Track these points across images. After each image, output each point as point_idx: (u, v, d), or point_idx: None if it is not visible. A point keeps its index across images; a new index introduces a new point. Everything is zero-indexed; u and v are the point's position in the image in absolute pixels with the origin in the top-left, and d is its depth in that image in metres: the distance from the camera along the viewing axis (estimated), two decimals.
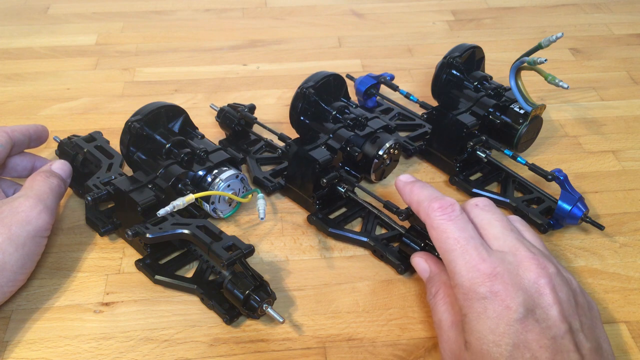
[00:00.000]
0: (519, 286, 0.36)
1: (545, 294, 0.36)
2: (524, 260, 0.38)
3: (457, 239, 0.39)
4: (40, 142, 0.54)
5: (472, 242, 0.39)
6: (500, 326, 0.35)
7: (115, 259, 0.49)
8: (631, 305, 0.47)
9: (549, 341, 0.35)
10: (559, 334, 0.35)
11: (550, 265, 0.38)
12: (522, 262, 0.38)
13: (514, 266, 0.37)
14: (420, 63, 0.77)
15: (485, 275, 0.37)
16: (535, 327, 0.35)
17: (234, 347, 0.43)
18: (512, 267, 0.37)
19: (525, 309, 0.36)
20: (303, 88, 0.55)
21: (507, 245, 0.39)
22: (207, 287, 0.46)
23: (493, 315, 0.36)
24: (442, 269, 0.44)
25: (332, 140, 0.53)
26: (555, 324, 0.35)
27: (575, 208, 0.50)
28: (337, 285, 0.48)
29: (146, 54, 0.77)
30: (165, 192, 0.47)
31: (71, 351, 0.43)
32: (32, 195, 0.45)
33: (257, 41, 0.81)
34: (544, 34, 0.84)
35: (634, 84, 0.74)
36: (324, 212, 0.53)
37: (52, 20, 0.85)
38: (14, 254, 0.42)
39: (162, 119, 0.51)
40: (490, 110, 0.58)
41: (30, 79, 0.72)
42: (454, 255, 0.39)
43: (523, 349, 0.35)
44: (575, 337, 0.36)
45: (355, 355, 0.43)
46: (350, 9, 0.89)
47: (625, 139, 0.64)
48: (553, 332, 0.35)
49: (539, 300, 0.36)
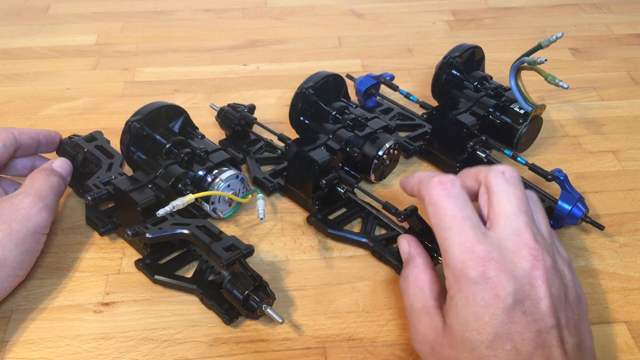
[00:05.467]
0: (512, 274, 0.35)
1: (538, 286, 0.35)
2: (523, 248, 0.36)
3: (454, 217, 0.37)
4: (52, 148, 0.54)
5: (469, 222, 0.37)
6: (486, 315, 0.35)
7: (115, 259, 0.50)
8: (631, 305, 0.47)
9: (533, 334, 0.34)
10: (545, 328, 0.35)
11: (548, 257, 0.36)
12: (520, 249, 0.36)
13: (511, 252, 0.36)
14: (420, 63, 0.77)
15: (479, 258, 0.35)
16: (522, 319, 0.34)
17: (234, 347, 0.43)
18: (508, 254, 0.36)
19: (515, 299, 0.34)
20: (303, 88, 0.55)
21: (513, 227, 0.37)
22: (206, 287, 0.46)
23: (481, 302, 0.35)
24: (419, 253, 0.43)
25: (331, 140, 0.53)
26: (543, 318, 0.35)
27: (575, 208, 0.50)
28: (337, 285, 0.48)
29: (146, 54, 0.77)
30: (165, 192, 0.47)
31: (71, 351, 0.43)
32: (32, 193, 0.45)
33: (257, 41, 0.81)
34: (544, 34, 0.84)
35: (634, 84, 0.74)
36: (324, 212, 0.53)
37: (52, 20, 0.85)
38: (13, 250, 0.42)
39: (162, 119, 0.51)
40: (490, 110, 0.58)
41: (30, 79, 0.72)
42: (449, 234, 0.37)
43: (505, 340, 0.34)
44: (560, 332, 0.35)
45: (355, 355, 0.43)
46: (350, 9, 0.90)
47: (625, 139, 0.64)
48: (539, 325, 0.35)
49: (530, 292, 0.35)
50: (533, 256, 0.36)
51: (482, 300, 0.35)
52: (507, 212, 0.38)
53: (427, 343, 0.38)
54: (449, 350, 0.36)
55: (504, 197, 0.38)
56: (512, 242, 0.36)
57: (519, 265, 0.36)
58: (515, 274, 0.35)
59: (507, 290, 0.34)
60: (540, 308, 0.35)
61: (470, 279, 0.35)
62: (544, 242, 0.37)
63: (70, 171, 0.50)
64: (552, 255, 0.37)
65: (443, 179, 0.39)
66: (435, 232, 0.38)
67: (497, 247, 0.36)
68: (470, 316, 0.35)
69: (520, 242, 0.36)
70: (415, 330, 0.39)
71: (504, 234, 0.37)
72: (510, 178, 0.39)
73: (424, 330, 0.38)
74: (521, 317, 0.34)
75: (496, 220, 0.38)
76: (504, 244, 0.36)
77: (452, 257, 0.36)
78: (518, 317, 0.34)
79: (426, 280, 0.40)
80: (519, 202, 0.38)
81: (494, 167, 0.40)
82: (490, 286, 0.35)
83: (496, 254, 0.36)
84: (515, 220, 0.37)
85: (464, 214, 0.37)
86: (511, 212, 0.38)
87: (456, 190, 0.38)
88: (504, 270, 0.35)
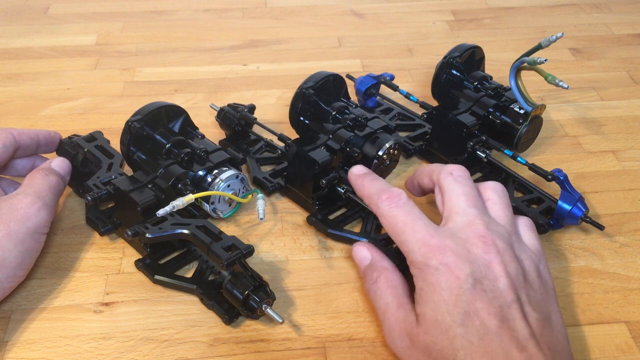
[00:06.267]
0: (467, 259, 0.38)
1: (493, 267, 0.38)
2: (473, 237, 0.39)
3: (406, 221, 0.41)
4: (51, 148, 0.54)
5: (420, 221, 0.41)
6: (453, 296, 0.37)
7: (115, 259, 0.50)
8: (631, 305, 0.47)
9: (496, 309, 0.37)
10: (506, 303, 0.37)
11: (500, 241, 0.40)
12: (470, 238, 0.39)
13: (463, 241, 0.39)
14: (420, 63, 0.77)
15: (435, 248, 0.39)
16: (484, 297, 0.37)
17: (234, 347, 0.43)
18: (461, 242, 0.39)
19: (474, 279, 0.37)
20: (303, 88, 0.55)
21: (464, 220, 0.41)
22: (206, 287, 0.46)
23: (445, 286, 0.38)
24: (383, 257, 0.45)
25: (331, 140, 0.53)
26: (502, 295, 0.37)
27: (575, 208, 0.50)
28: (337, 285, 0.48)
29: (146, 54, 0.77)
30: (165, 192, 0.47)
31: (71, 351, 0.43)
32: (31, 193, 0.45)
33: (257, 41, 0.81)
34: (544, 34, 0.84)
35: (634, 84, 0.74)
36: (324, 212, 0.53)
37: (52, 20, 0.85)
38: (13, 251, 0.42)
39: (162, 119, 0.51)
40: (490, 110, 0.58)
41: (30, 79, 0.72)
42: (405, 236, 0.40)
43: (473, 317, 0.37)
44: (522, 307, 0.37)
45: (355, 355, 0.43)
46: (350, 9, 0.90)
47: (625, 139, 0.64)
48: (500, 301, 0.37)
49: (487, 272, 0.38)
50: (484, 242, 0.39)
51: (446, 284, 0.38)
52: (458, 208, 0.42)
53: (405, 337, 0.40)
54: (425, 337, 0.38)
55: (454, 195, 0.43)
56: (464, 233, 0.40)
57: (472, 251, 0.39)
58: (470, 258, 0.38)
59: (465, 272, 0.38)
60: (498, 286, 0.38)
61: (431, 267, 0.38)
62: (497, 229, 0.41)
63: (69, 170, 0.50)
64: (506, 241, 0.40)
65: (391, 194, 0.43)
66: (394, 239, 0.42)
67: (450, 237, 0.40)
68: (439, 300, 0.38)
69: (472, 231, 0.40)
70: (391, 328, 0.41)
71: (457, 227, 0.41)
72: (459, 177, 0.44)
73: (401, 326, 0.40)
74: (483, 295, 0.37)
75: (449, 216, 0.42)
76: (457, 234, 0.40)
77: (413, 254, 0.40)
78: (480, 294, 0.37)
79: (398, 280, 0.43)
80: (467, 198, 0.42)
81: (445, 167, 0.45)
82: (449, 270, 0.38)
83: (450, 242, 0.39)
84: (465, 214, 0.41)
85: (414, 216, 0.41)
86: (461, 208, 0.42)
87: (403, 201, 0.42)
88: (460, 255, 0.38)
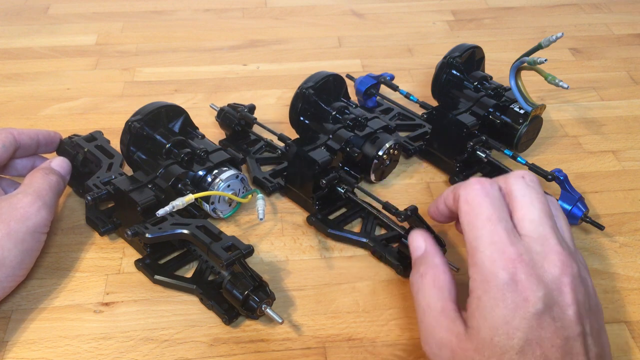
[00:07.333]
0: (541, 279, 0.35)
1: (566, 292, 0.35)
2: (551, 254, 0.36)
3: (490, 216, 0.37)
4: (51, 148, 0.54)
5: (503, 223, 0.37)
6: (516, 319, 0.34)
7: (115, 259, 0.50)
8: (631, 305, 0.47)
9: (562, 341, 0.34)
10: (572, 336, 0.34)
11: (574, 263, 0.36)
12: (549, 254, 0.36)
13: (541, 257, 0.36)
14: (420, 63, 0.77)
15: (509, 259, 0.35)
16: (551, 325, 0.34)
17: (233, 347, 0.43)
18: (538, 258, 0.36)
19: (544, 304, 0.34)
20: (303, 88, 0.55)
21: (539, 231, 0.37)
22: (206, 287, 0.46)
23: (511, 305, 0.34)
24: (437, 251, 0.41)
25: (331, 140, 0.53)
26: (570, 325, 0.34)
27: (575, 208, 0.50)
28: (337, 285, 0.48)
29: (146, 54, 0.77)
30: (165, 192, 0.47)
31: (71, 351, 0.43)
32: (31, 192, 0.45)
33: (257, 41, 0.81)
34: (544, 34, 0.84)
35: (634, 84, 0.74)
36: (324, 212, 0.53)
37: (52, 20, 0.85)
38: (13, 250, 0.42)
39: (162, 119, 0.51)
40: (490, 110, 0.58)
41: (30, 79, 0.72)
42: (481, 232, 0.36)
43: (535, 346, 0.33)
44: (585, 340, 0.35)
45: (355, 355, 0.43)
46: (350, 9, 0.90)
47: (625, 139, 0.64)
48: (567, 332, 0.34)
49: (558, 298, 0.35)
50: (562, 262, 0.35)
51: (512, 303, 0.34)
52: (532, 216, 0.37)
53: (446, 347, 0.36)
54: (474, 355, 0.35)
55: (527, 201, 0.38)
56: (540, 247, 0.36)
57: (549, 270, 0.35)
58: (545, 279, 0.35)
59: (536, 295, 0.34)
60: (567, 315, 0.34)
61: (499, 279, 0.35)
62: (568, 248, 0.37)
63: (69, 170, 0.50)
64: (577, 262, 0.37)
65: (482, 180, 0.39)
66: (467, 230, 0.38)
67: (527, 250, 0.36)
68: (499, 319, 0.34)
69: (548, 247, 0.36)
70: (431, 333, 0.37)
71: (532, 238, 0.37)
72: (531, 182, 0.39)
73: (443, 334, 0.37)
74: (550, 323, 0.34)
75: (521, 224, 0.37)
76: (534, 248, 0.36)
77: (482, 256, 0.36)
78: (547, 323, 0.34)
79: (446, 281, 0.39)
80: (542, 206, 0.38)
81: (513, 172, 0.40)
82: (520, 289, 0.34)
83: (527, 257, 0.35)
84: (541, 224, 0.37)
85: (499, 215, 0.37)
86: (536, 217, 0.37)
87: (494, 191, 0.38)
88: (534, 274, 0.35)
